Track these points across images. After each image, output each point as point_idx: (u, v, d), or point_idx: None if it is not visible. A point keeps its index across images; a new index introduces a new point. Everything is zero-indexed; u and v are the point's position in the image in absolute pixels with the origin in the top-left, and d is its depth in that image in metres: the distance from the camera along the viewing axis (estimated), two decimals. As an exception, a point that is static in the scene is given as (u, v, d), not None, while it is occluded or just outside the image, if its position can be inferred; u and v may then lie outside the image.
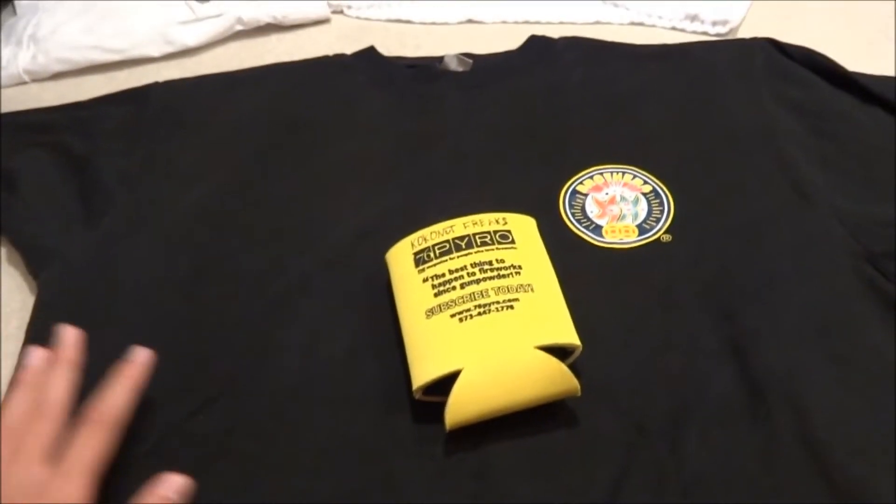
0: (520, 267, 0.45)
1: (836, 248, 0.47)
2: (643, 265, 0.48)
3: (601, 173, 0.54)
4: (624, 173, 0.54)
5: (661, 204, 0.51)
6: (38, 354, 0.42)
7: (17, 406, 0.40)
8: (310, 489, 0.41)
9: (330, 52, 0.66)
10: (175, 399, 0.45)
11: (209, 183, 0.56)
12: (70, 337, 0.43)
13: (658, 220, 0.51)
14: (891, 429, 0.39)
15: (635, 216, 0.51)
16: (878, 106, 0.55)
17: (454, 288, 0.44)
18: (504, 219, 0.48)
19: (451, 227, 0.48)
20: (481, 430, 0.41)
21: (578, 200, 0.53)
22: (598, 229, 0.51)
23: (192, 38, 0.70)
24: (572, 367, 0.42)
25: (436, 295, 0.44)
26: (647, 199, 0.52)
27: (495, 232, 0.47)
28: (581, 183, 0.54)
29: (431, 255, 0.46)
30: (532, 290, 0.44)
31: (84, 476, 0.37)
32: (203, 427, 0.44)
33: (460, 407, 0.40)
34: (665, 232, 0.50)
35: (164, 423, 0.44)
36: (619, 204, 0.52)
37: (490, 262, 0.45)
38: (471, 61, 0.63)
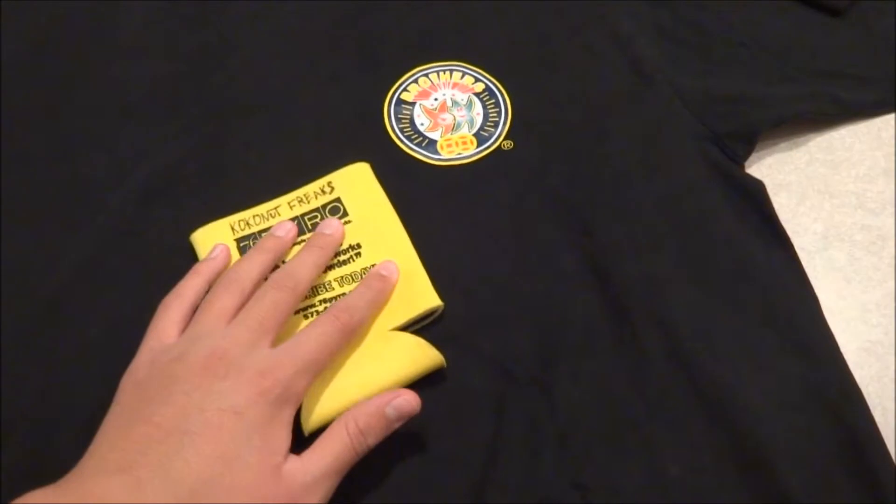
0: (358, 246, 0.40)
1: (680, 133, 0.43)
2: (486, 181, 0.43)
3: (426, 74, 0.47)
4: (452, 71, 0.47)
5: (498, 104, 0.45)
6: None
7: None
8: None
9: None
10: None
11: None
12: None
13: (496, 125, 0.45)
14: (749, 323, 0.38)
15: (471, 123, 0.45)
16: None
17: None
18: (330, 184, 0.42)
19: (276, 208, 0.42)
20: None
21: (405, 112, 0.45)
22: (432, 145, 0.44)
23: None
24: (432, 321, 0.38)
25: None
26: (481, 99, 0.46)
27: (325, 206, 0.41)
28: (405, 90, 0.46)
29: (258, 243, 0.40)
30: None
31: (259, 328, 0.35)
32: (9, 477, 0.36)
33: (313, 410, 0.35)
34: (506, 138, 0.44)
35: None
36: (451, 111, 0.45)
37: None
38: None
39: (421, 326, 0.38)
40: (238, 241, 0.41)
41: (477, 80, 0.46)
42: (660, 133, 0.44)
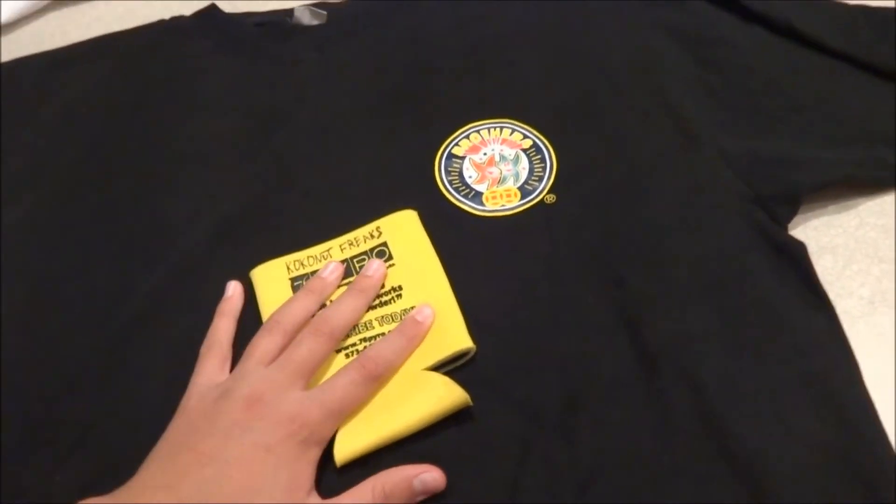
0: (400, 288, 0.43)
1: (723, 195, 0.44)
2: (527, 233, 0.44)
3: (478, 131, 0.50)
4: (502, 128, 0.49)
5: (543, 160, 0.48)
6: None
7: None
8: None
9: (166, 14, 0.59)
10: (34, 453, 0.40)
11: (37, 192, 0.49)
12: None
13: (541, 179, 0.47)
14: (782, 386, 0.38)
15: (517, 177, 0.47)
16: (760, 26, 0.51)
17: None
18: (378, 229, 0.45)
19: (328, 250, 0.45)
20: (381, 455, 0.38)
21: (455, 165, 0.48)
22: (478, 196, 0.47)
23: (2, 13, 0.61)
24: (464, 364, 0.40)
25: None
26: (527, 155, 0.48)
27: (372, 250, 0.44)
28: (457, 144, 0.49)
29: None
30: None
31: (294, 373, 0.38)
32: (73, 477, 0.39)
33: (348, 442, 0.37)
34: (549, 192, 0.46)
35: (30, 482, 0.39)
36: (498, 165, 0.48)
37: None
38: (325, 13, 0.56)
39: (453, 367, 0.40)
40: (292, 279, 0.44)
41: (525, 136, 0.49)
42: (701, 192, 0.44)
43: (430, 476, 0.36)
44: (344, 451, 0.37)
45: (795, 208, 0.44)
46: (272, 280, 0.44)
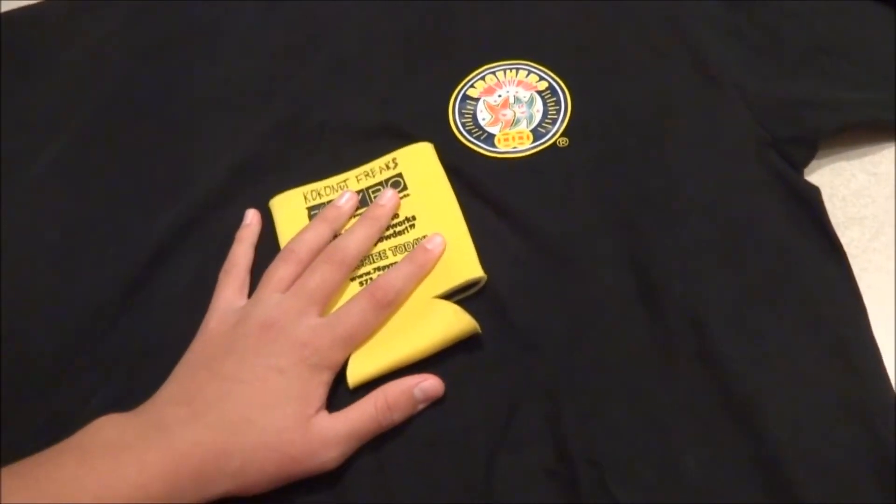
0: (413, 218, 0.43)
1: (740, 137, 0.43)
2: (538, 174, 0.44)
3: (493, 72, 0.49)
4: (518, 70, 0.49)
5: (558, 102, 0.47)
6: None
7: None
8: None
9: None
10: (66, 383, 0.42)
11: (66, 134, 0.50)
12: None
13: (554, 122, 0.46)
14: (790, 329, 0.37)
15: (530, 119, 0.47)
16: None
17: None
18: (395, 160, 0.45)
19: (345, 181, 0.46)
20: (388, 378, 0.39)
21: (469, 107, 0.48)
22: (490, 138, 0.46)
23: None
24: (475, 296, 0.41)
25: None
26: (542, 97, 0.47)
27: (387, 180, 0.45)
28: (472, 86, 0.49)
29: None
30: None
31: (308, 300, 0.39)
32: (107, 402, 0.41)
33: (361, 366, 0.39)
34: (562, 135, 0.46)
35: (64, 407, 0.41)
36: (512, 107, 0.47)
37: None
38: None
39: (464, 297, 0.41)
40: (309, 209, 0.45)
41: (541, 78, 0.48)
42: (718, 136, 0.43)
43: (428, 384, 0.38)
44: (356, 374, 0.38)
45: (813, 152, 0.42)
46: (290, 209, 0.45)
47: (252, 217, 0.45)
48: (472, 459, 0.36)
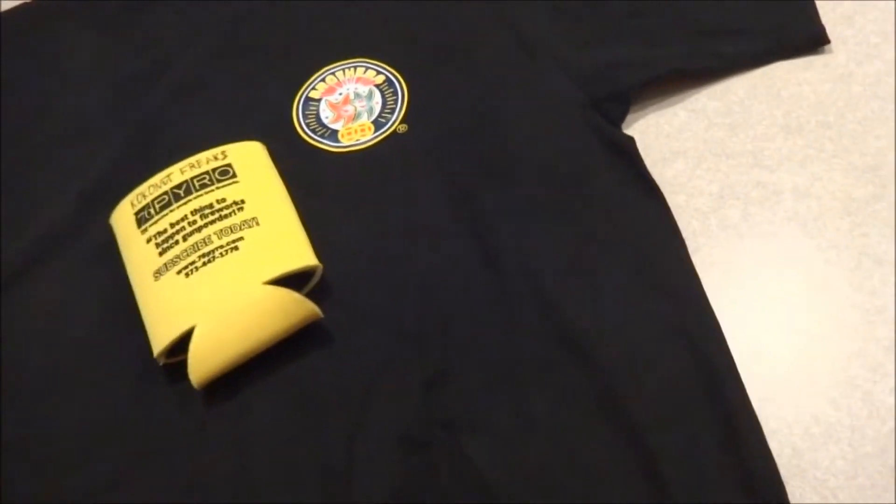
0: (242, 202, 0.42)
1: (562, 103, 0.45)
2: (380, 162, 0.46)
3: (333, 73, 0.51)
4: (356, 67, 0.51)
5: (396, 93, 0.49)
6: None
7: None
8: (78, 482, 0.39)
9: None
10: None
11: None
12: None
13: (393, 112, 0.48)
14: (616, 268, 0.39)
15: (370, 112, 0.48)
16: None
17: (177, 242, 0.41)
18: (223, 153, 0.45)
19: (169, 176, 0.44)
20: (240, 373, 0.40)
21: (312, 108, 0.49)
22: (333, 135, 0.48)
23: None
24: (321, 288, 0.41)
25: (160, 254, 0.42)
26: (381, 90, 0.49)
27: (215, 170, 0.44)
28: (314, 88, 0.50)
29: (152, 211, 0.43)
30: (258, 223, 0.42)
31: None
32: None
33: (201, 363, 0.38)
34: (401, 122, 0.47)
35: None
36: (353, 103, 0.49)
37: (210, 206, 0.42)
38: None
39: (307, 290, 0.41)
40: (136, 213, 0.43)
41: (378, 72, 0.50)
42: (543, 105, 0.46)
43: None
44: (199, 372, 0.38)
45: (626, 107, 0.45)
46: (123, 221, 0.44)
47: None
48: (331, 445, 0.37)
